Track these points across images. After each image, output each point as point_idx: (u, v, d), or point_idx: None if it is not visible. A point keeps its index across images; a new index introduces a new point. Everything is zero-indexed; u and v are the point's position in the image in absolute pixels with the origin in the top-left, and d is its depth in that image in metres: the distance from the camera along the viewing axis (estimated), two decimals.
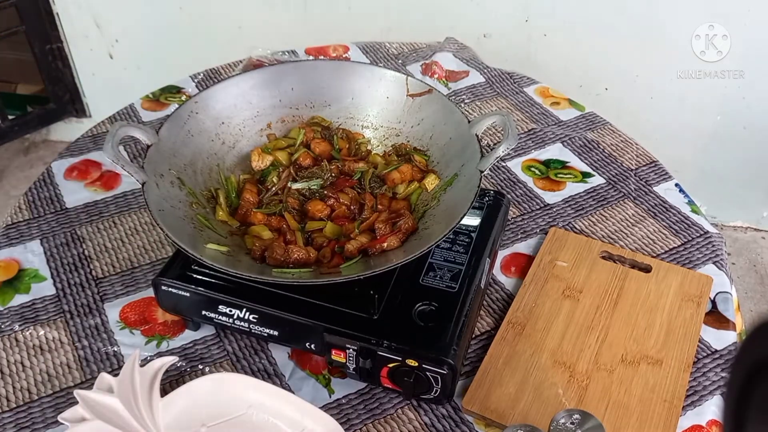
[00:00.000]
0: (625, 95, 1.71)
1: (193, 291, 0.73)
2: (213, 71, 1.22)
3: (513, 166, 1.03)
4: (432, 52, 1.27)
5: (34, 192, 0.98)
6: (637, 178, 1.01)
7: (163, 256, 0.89)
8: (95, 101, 2.08)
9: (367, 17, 1.72)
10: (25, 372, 0.76)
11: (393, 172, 0.82)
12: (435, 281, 0.75)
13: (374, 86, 0.88)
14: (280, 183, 0.82)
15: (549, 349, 0.76)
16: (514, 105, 1.16)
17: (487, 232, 0.81)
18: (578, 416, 0.59)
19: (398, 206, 0.79)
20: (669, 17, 1.56)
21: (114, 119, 1.12)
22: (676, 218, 0.95)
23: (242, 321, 0.73)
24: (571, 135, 1.09)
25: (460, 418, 0.72)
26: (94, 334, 0.80)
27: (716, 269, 0.87)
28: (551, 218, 0.95)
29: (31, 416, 0.72)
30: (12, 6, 1.86)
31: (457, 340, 0.69)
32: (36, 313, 0.82)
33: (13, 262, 0.88)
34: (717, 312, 0.83)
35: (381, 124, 0.89)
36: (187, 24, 1.84)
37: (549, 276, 0.84)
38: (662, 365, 0.75)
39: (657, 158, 1.05)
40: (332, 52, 1.27)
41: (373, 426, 0.71)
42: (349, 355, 0.70)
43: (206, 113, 0.84)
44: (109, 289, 0.85)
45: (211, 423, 0.69)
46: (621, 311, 0.80)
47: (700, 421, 0.72)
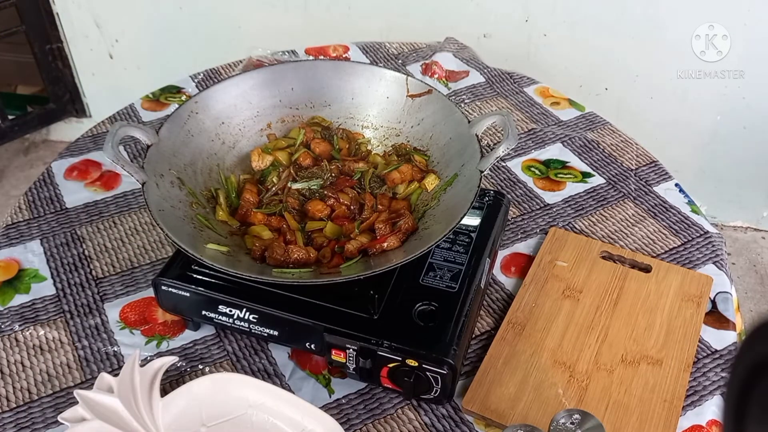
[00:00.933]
0: (625, 95, 1.70)
1: (193, 291, 0.73)
2: (213, 71, 1.22)
3: (513, 166, 1.03)
4: (432, 52, 1.27)
5: (34, 192, 0.98)
6: (637, 178, 1.01)
7: (163, 256, 0.89)
8: (95, 101, 2.08)
9: (367, 17, 1.71)
10: (25, 372, 0.76)
11: (393, 172, 0.82)
12: (435, 281, 0.75)
13: (374, 86, 0.88)
14: (280, 183, 0.82)
15: (549, 349, 0.76)
16: (514, 105, 1.16)
17: (487, 232, 0.81)
18: (578, 416, 0.59)
19: (398, 206, 0.79)
20: (669, 17, 1.56)
21: (114, 119, 1.12)
22: (676, 218, 0.95)
23: (242, 321, 0.73)
24: (571, 135, 1.09)
25: (460, 418, 0.72)
26: (94, 334, 0.80)
27: (716, 269, 0.87)
28: (551, 218, 0.95)
29: (31, 416, 0.72)
30: (12, 6, 1.86)
31: (457, 340, 0.69)
32: (36, 313, 0.82)
33: (13, 262, 0.88)
34: (717, 312, 0.83)
35: (381, 124, 0.89)
36: (187, 24, 1.84)
37: (549, 276, 0.84)
38: (662, 365, 0.75)
39: (657, 158, 1.05)
40: (332, 52, 1.27)
41: (373, 426, 0.71)
42: (349, 355, 0.70)
43: (206, 113, 0.84)
44: (109, 289, 0.85)
45: (211, 423, 0.69)
46: (621, 311, 0.80)
47: (700, 421, 0.72)
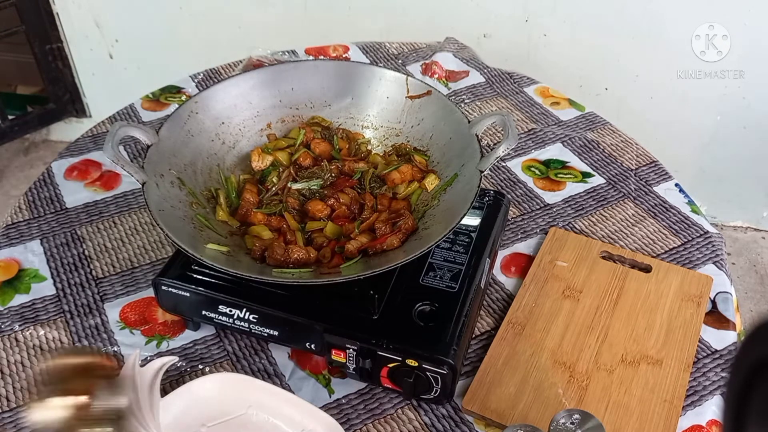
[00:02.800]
0: (625, 95, 1.70)
1: (193, 291, 0.73)
2: (213, 71, 1.22)
3: (513, 166, 1.03)
4: (432, 52, 1.27)
5: (34, 192, 0.98)
6: (637, 178, 1.01)
7: (163, 256, 0.89)
8: (95, 101, 2.08)
9: (367, 17, 1.71)
10: (25, 372, 0.76)
11: (393, 172, 0.82)
12: (435, 281, 0.75)
13: (374, 86, 0.89)
14: (280, 183, 0.82)
15: (549, 349, 0.76)
16: (514, 105, 1.16)
17: (487, 232, 0.81)
18: (578, 416, 0.59)
19: (398, 206, 0.79)
20: (669, 17, 1.56)
21: (114, 119, 1.12)
22: (676, 218, 0.95)
23: (242, 321, 0.73)
24: (571, 135, 1.09)
25: (460, 418, 0.72)
26: (94, 334, 0.80)
27: (716, 269, 0.87)
28: (551, 218, 0.95)
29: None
30: (12, 6, 1.86)
31: (457, 340, 0.69)
32: (36, 313, 0.82)
33: (13, 262, 0.88)
34: (717, 312, 0.83)
35: (381, 124, 0.89)
36: (187, 24, 1.84)
37: (549, 276, 0.84)
38: (662, 365, 0.75)
39: (657, 158, 1.05)
40: (332, 52, 1.27)
41: (373, 426, 0.71)
42: (349, 355, 0.70)
43: (206, 113, 0.84)
44: (109, 289, 0.85)
45: (211, 423, 0.69)
46: (621, 311, 0.80)
47: (700, 421, 0.72)
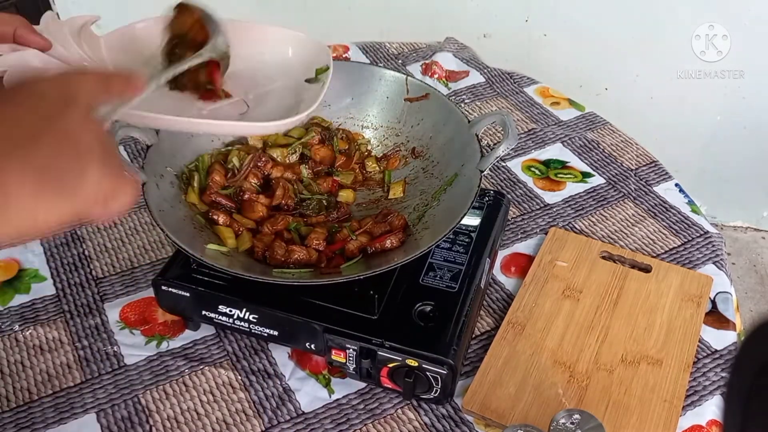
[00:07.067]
0: (625, 95, 1.70)
1: (193, 291, 0.73)
2: None
3: (513, 166, 1.03)
4: (432, 52, 1.27)
5: None
6: (637, 178, 1.01)
7: (163, 256, 0.89)
8: None
9: (367, 17, 1.72)
10: (25, 372, 0.76)
11: (321, 148, 0.85)
12: (435, 281, 0.75)
13: (374, 86, 0.89)
14: (244, 169, 0.80)
15: (549, 349, 0.76)
16: (514, 105, 1.16)
17: (487, 232, 0.81)
18: (578, 416, 0.59)
19: (383, 205, 0.81)
20: (669, 17, 1.56)
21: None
22: (676, 218, 0.95)
23: (242, 321, 0.73)
24: (571, 135, 1.09)
25: (460, 418, 0.72)
26: (94, 334, 0.80)
27: (716, 269, 0.87)
28: (551, 218, 0.95)
29: (31, 416, 0.72)
30: (12, 6, 1.85)
31: (457, 340, 0.69)
32: (36, 313, 0.82)
33: (13, 262, 0.88)
34: (717, 312, 0.83)
35: (381, 124, 0.89)
36: None
37: (549, 276, 0.84)
38: (662, 365, 0.75)
39: (657, 158, 1.05)
40: (332, 52, 1.27)
41: (373, 426, 0.71)
42: (349, 355, 0.70)
43: None
44: (109, 289, 0.85)
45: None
46: (621, 311, 0.80)
47: (700, 421, 0.72)
